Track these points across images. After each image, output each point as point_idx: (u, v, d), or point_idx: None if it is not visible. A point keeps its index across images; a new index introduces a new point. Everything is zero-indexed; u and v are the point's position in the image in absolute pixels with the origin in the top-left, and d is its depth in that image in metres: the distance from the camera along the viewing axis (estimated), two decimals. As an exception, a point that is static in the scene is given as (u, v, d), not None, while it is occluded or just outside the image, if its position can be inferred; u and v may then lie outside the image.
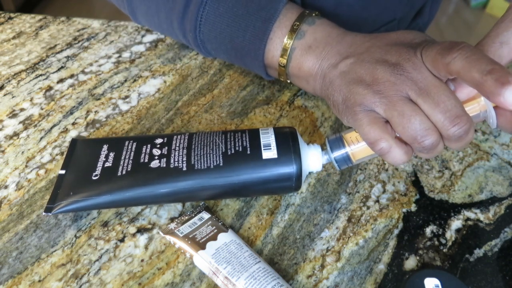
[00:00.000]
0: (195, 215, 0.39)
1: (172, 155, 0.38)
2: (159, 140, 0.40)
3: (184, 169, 0.37)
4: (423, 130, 0.32)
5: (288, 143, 0.38)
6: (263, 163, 0.37)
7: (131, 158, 0.39)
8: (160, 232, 0.39)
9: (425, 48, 0.33)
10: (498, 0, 2.13)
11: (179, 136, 0.40)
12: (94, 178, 0.38)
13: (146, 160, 0.38)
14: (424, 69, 0.33)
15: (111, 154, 0.39)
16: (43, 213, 0.38)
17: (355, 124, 0.35)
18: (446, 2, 2.31)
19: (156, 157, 0.38)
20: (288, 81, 0.45)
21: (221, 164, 0.37)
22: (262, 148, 0.37)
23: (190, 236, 0.37)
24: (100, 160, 0.39)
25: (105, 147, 0.40)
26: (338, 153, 0.37)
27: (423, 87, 0.32)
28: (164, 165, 0.37)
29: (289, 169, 0.37)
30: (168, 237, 0.38)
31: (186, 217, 0.39)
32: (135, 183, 0.37)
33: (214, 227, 0.38)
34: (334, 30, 0.41)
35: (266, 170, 0.37)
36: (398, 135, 0.34)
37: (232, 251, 0.36)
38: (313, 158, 0.38)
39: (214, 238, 0.37)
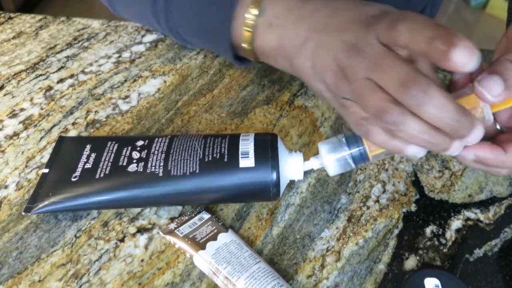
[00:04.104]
0: (195, 215, 0.39)
1: (150, 159, 0.38)
2: (140, 143, 0.40)
3: (160, 174, 0.37)
4: (381, 103, 0.30)
5: (267, 151, 0.37)
6: (240, 171, 0.36)
7: (111, 160, 0.38)
8: (160, 232, 0.39)
9: (377, 26, 0.33)
10: (498, 0, 2.13)
11: (159, 139, 0.40)
12: (73, 179, 0.38)
13: (125, 164, 0.38)
14: (378, 45, 0.32)
15: (92, 155, 0.39)
16: (23, 213, 0.38)
17: (337, 106, 0.35)
18: (446, 2, 2.31)
19: (135, 161, 0.38)
20: (261, 60, 0.44)
21: (197, 171, 0.36)
22: (240, 156, 0.37)
23: (190, 236, 0.37)
24: (81, 161, 0.39)
25: (88, 147, 0.40)
26: (355, 150, 0.35)
27: (377, 63, 0.31)
28: (141, 170, 0.37)
29: (266, 178, 0.36)
30: (168, 237, 0.38)
31: (186, 217, 0.39)
32: (111, 187, 0.37)
33: (214, 227, 0.38)
34: (294, 4, 0.39)
35: (242, 179, 0.36)
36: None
37: (232, 251, 0.36)
38: (293, 167, 0.38)
39: (214, 238, 0.37)
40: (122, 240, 0.38)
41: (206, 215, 0.39)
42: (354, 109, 0.33)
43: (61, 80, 0.53)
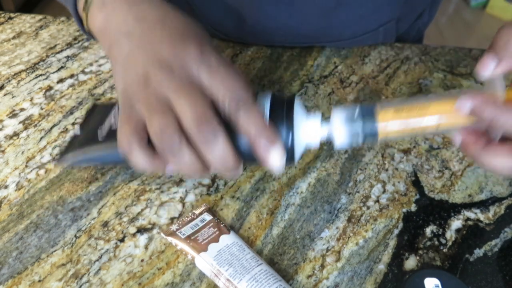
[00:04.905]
0: (197, 217, 0.39)
1: None
2: None
3: None
4: (162, 125, 0.31)
5: (282, 113, 0.34)
6: None
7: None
8: (162, 234, 0.39)
9: (201, 58, 0.33)
10: (498, 0, 2.13)
11: None
12: (100, 139, 0.38)
13: None
14: (190, 72, 0.33)
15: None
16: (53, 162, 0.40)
17: (119, 119, 0.34)
18: (446, 2, 2.31)
19: None
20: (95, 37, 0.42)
21: None
22: None
23: (192, 238, 0.37)
24: (107, 120, 0.40)
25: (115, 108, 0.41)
26: (367, 125, 0.33)
27: (182, 87, 0.32)
28: None
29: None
30: (170, 238, 0.38)
31: (188, 219, 0.39)
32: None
33: (216, 229, 0.38)
34: None
35: None
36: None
37: (234, 253, 0.35)
38: (309, 130, 0.34)
39: (216, 240, 0.37)
40: (122, 240, 0.38)
41: (208, 217, 0.39)
42: (133, 122, 0.33)
43: (61, 80, 0.53)
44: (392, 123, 0.33)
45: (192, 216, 0.39)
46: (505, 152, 0.31)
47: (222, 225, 0.38)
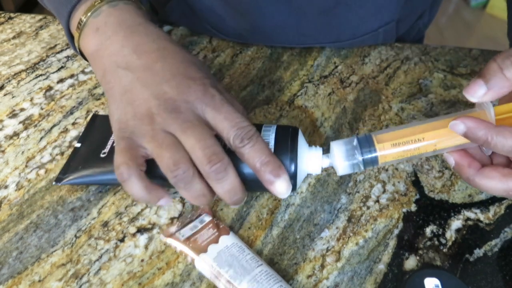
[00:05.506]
0: (196, 218, 0.39)
1: None
2: None
3: None
4: (175, 160, 0.33)
5: (286, 143, 0.37)
6: None
7: None
8: (162, 236, 0.39)
9: (203, 96, 0.35)
10: (498, 0, 2.13)
11: None
12: (102, 155, 0.40)
13: None
14: (195, 112, 0.35)
15: None
16: (53, 183, 0.40)
17: (115, 146, 0.35)
18: (446, 2, 2.31)
19: None
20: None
21: None
22: None
23: (191, 239, 0.37)
24: (111, 138, 0.41)
25: None
26: (367, 155, 0.35)
27: (189, 127, 0.34)
28: None
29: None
30: (169, 240, 0.38)
31: (187, 220, 0.39)
32: None
33: (216, 230, 0.38)
34: (130, 18, 0.39)
35: None
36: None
37: (233, 254, 0.35)
38: (312, 160, 0.37)
39: (215, 241, 0.37)
40: (122, 240, 0.38)
41: (207, 218, 0.39)
42: (133, 153, 0.34)
43: (61, 80, 0.53)
44: (390, 152, 0.35)
45: (192, 217, 0.39)
46: (497, 177, 0.33)
47: (221, 226, 0.38)
